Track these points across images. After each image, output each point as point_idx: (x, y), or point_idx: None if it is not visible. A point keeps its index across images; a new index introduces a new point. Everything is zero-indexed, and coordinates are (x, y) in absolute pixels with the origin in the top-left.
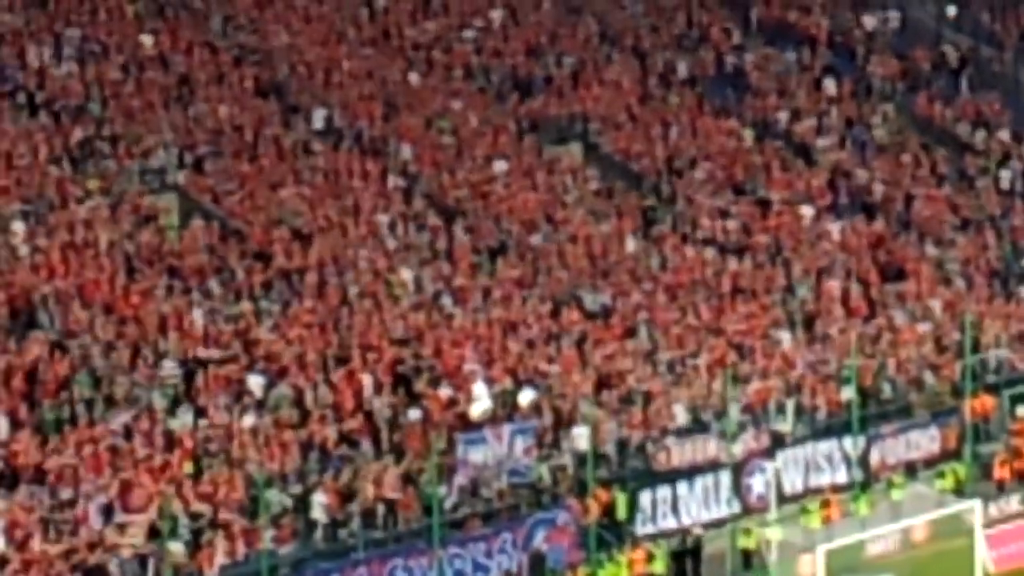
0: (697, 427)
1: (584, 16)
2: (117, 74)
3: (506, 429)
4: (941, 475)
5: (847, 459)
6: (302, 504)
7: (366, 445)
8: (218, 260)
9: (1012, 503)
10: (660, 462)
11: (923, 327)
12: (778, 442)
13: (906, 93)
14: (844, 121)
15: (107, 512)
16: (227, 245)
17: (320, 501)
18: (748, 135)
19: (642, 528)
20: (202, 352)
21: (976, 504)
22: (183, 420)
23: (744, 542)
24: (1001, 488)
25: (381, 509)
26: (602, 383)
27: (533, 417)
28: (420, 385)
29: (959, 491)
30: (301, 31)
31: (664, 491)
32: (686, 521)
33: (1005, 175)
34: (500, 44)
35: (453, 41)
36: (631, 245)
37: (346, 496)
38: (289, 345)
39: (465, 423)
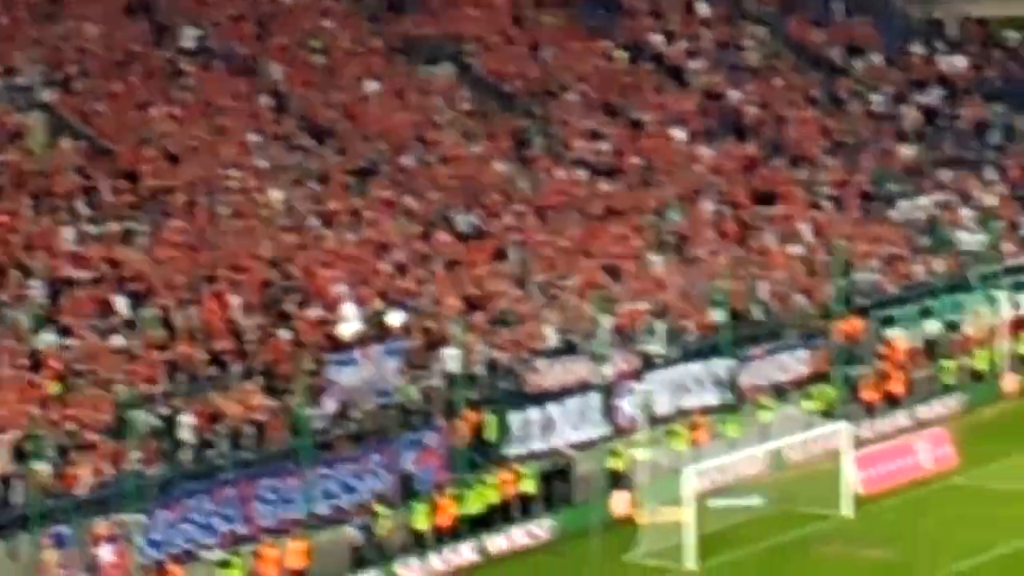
0: (567, 349)
1: None
2: None
3: (376, 350)
4: (810, 397)
5: (717, 381)
6: (169, 425)
7: (234, 366)
8: (86, 180)
9: (881, 424)
10: (530, 383)
11: (793, 250)
12: (648, 364)
13: (779, 16)
14: (716, 44)
15: None
16: (96, 165)
17: (187, 422)
18: (621, 57)
19: (512, 449)
20: (70, 271)
21: (845, 426)
22: (49, 340)
23: (613, 463)
24: (870, 410)
25: (249, 430)
26: (472, 304)
27: (403, 338)
28: (289, 306)
29: (828, 413)
30: None
31: (534, 412)
32: (556, 442)
33: (876, 99)
34: None
35: None
36: (503, 167)
37: (213, 417)
38: (157, 265)
39: (335, 344)
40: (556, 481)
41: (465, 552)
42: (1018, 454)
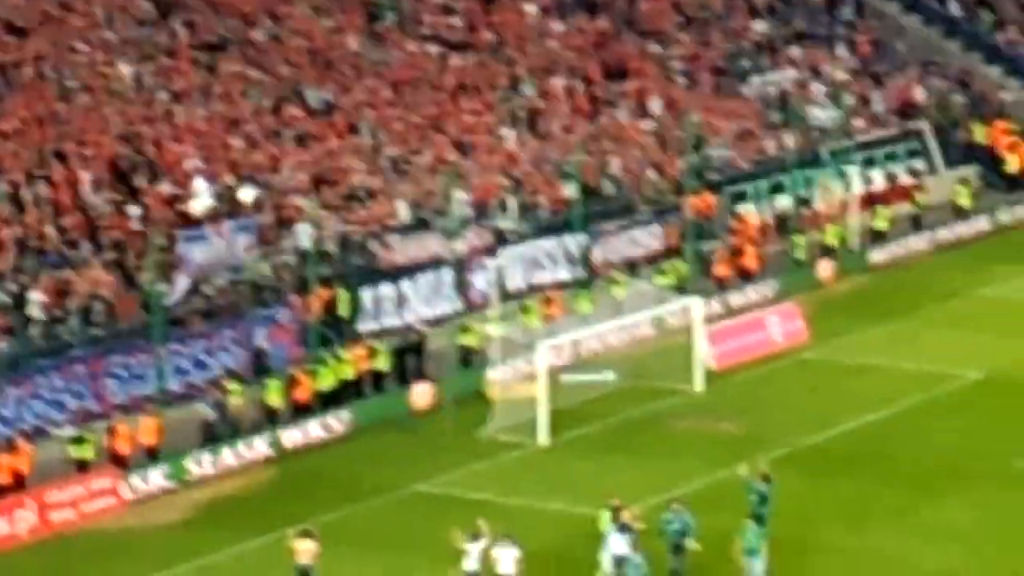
0: (420, 224)
1: None
2: None
3: (227, 226)
4: (662, 272)
5: (569, 256)
6: (18, 301)
7: (84, 243)
8: None
9: (732, 299)
10: (383, 260)
11: (646, 125)
12: (501, 239)
13: None
14: None
15: None
16: None
17: (37, 299)
18: None
19: (365, 325)
20: None
21: (697, 301)
22: None
23: (465, 339)
24: (721, 285)
25: (99, 307)
26: (324, 180)
27: (254, 214)
28: (140, 181)
29: (680, 288)
30: None
31: (387, 288)
32: (409, 318)
33: None
34: None
35: None
36: (354, 41)
37: (63, 294)
38: (5, 140)
39: (186, 220)
40: (408, 357)
41: (314, 429)
42: (868, 329)
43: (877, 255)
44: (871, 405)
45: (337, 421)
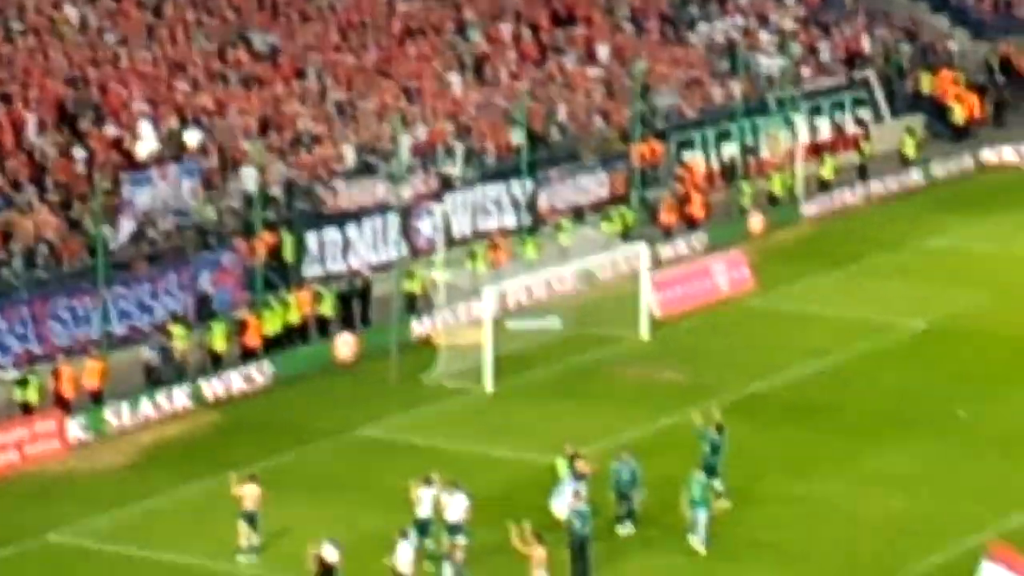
0: (366, 169)
1: None
2: None
3: (172, 170)
4: (609, 219)
5: (515, 203)
6: None
7: (29, 185)
8: None
9: (678, 247)
10: (328, 204)
11: (593, 72)
12: (447, 185)
13: None
14: None
15: None
16: None
17: None
18: None
19: (310, 270)
20: None
21: (643, 248)
22: None
23: (409, 285)
24: (667, 232)
25: (44, 250)
26: (270, 124)
27: (199, 158)
28: (85, 124)
29: (626, 235)
30: None
31: (332, 233)
32: (354, 263)
33: None
34: None
35: None
36: None
37: (7, 236)
38: None
39: (131, 163)
40: (354, 302)
41: (257, 375)
42: (813, 277)
43: (820, 205)
44: (815, 354)
45: (259, 372)
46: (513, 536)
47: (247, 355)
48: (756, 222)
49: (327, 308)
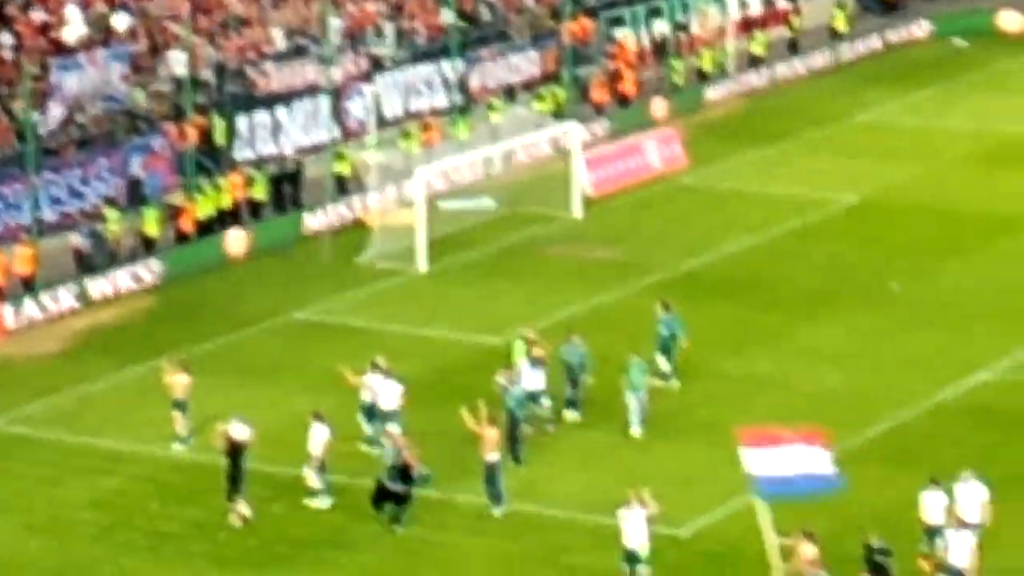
0: (296, 51)
1: None
2: None
3: (101, 54)
4: (540, 98)
5: (446, 83)
6: None
7: None
8: None
9: (609, 125)
10: (258, 87)
11: None
12: (377, 66)
13: None
14: None
15: None
16: None
17: None
18: None
19: (241, 153)
20: None
21: (575, 126)
22: None
23: (340, 167)
24: (599, 110)
25: None
26: (198, 7)
27: (128, 42)
28: (11, 10)
29: (558, 114)
30: None
31: (263, 116)
32: (285, 146)
33: None
34: None
35: None
36: None
37: None
38: None
39: (58, 48)
40: (285, 185)
41: (191, 258)
42: (745, 154)
43: (753, 79)
44: (748, 230)
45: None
46: (466, 417)
47: (181, 239)
48: (658, 107)
49: (259, 191)
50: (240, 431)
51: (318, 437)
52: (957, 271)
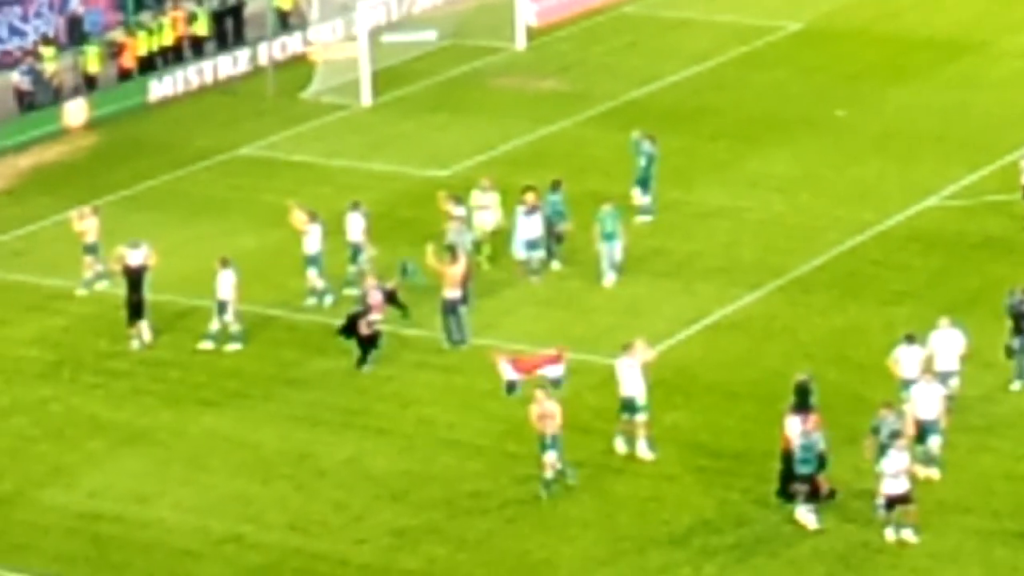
0: None
1: None
2: None
3: None
4: None
5: None
6: None
7: None
8: None
9: None
10: None
11: None
12: None
13: None
14: None
15: None
16: None
17: None
18: None
19: None
20: None
21: None
22: None
23: (280, 1)
24: None
25: None
26: None
27: None
28: None
29: None
30: None
31: None
32: None
33: None
34: None
35: None
36: None
37: None
38: None
39: None
40: (227, 20)
41: (132, 96)
42: None
43: None
44: (692, 59)
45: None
46: (429, 254)
47: (123, 77)
48: None
49: (201, 27)
50: (135, 256)
51: (226, 282)
52: (902, 97)
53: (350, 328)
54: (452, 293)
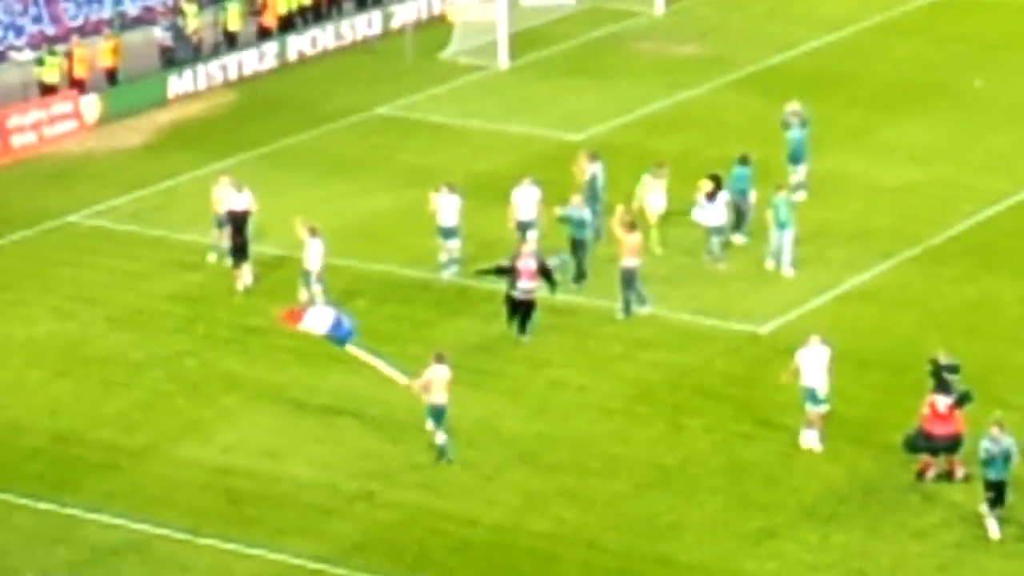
0: None
1: None
2: None
3: None
4: None
5: None
6: None
7: None
8: None
9: None
10: None
11: None
12: None
13: None
14: None
15: None
16: None
17: None
18: None
19: None
20: None
21: None
22: None
23: None
24: None
25: None
26: None
27: None
28: None
29: None
30: None
31: None
32: None
33: None
34: None
35: None
36: None
37: None
38: None
39: None
40: None
41: (274, 53)
42: None
43: None
44: (830, 26)
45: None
46: (615, 220)
47: (263, 34)
48: None
49: None
50: (240, 201)
51: (315, 251)
52: None
53: (498, 270)
54: (630, 262)
